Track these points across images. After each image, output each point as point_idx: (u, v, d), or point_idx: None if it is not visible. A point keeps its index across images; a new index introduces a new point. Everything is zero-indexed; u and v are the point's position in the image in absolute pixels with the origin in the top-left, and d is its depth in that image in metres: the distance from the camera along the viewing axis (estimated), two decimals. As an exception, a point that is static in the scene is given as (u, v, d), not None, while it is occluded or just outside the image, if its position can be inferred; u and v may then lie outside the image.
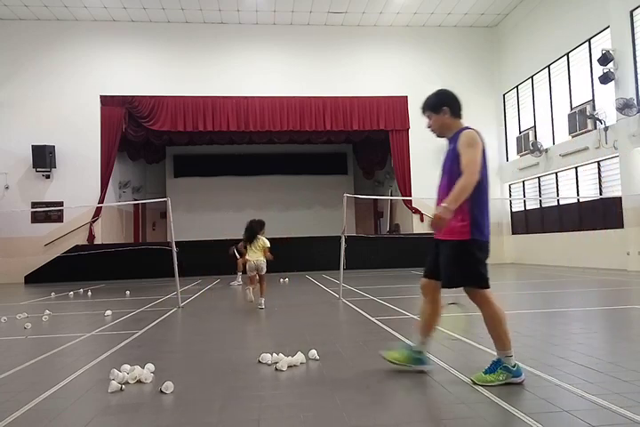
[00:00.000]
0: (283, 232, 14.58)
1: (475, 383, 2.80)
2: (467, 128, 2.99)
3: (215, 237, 14.42)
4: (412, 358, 3.13)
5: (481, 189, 2.88)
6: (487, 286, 2.94)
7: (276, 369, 3.35)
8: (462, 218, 2.85)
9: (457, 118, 3.07)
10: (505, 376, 2.80)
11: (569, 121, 12.75)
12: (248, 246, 6.75)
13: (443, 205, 2.76)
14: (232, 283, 10.52)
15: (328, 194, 19.72)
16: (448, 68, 16.45)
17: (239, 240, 7.46)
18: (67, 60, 15.23)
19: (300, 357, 3.52)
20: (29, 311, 6.73)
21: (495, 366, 2.85)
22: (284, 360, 3.44)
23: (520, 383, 2.80)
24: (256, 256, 6.62)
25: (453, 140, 2.98)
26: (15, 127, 14.70)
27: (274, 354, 3.56)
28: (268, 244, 6.74)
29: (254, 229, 6.83)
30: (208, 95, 15.37)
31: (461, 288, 3.04)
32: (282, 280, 10.96)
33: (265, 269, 6.66)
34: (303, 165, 20.23)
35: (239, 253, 10.36)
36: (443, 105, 3.02)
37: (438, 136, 3.15)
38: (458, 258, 2.90)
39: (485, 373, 2.84)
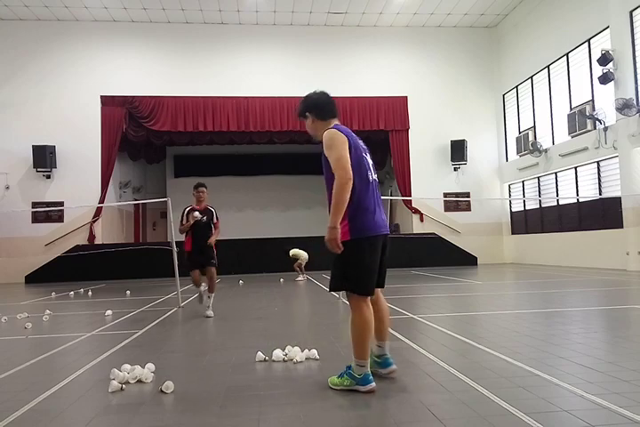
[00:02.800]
0: (283, 232, 14.58)
1: (329, 386, 2.86)
2: (329, 128, 2.93)
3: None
4: (373, 364, 3.02)
5: (364, 184, 2.82)
6: (362, 293, 2.79)
7: (294, 362, 3.50)
8: (342, 218, 2.75)
9: (325, 120, 3.04)
10: (349, 382, 2.77)
11: (568, 121, 12.75)
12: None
13: (327, 225, 2.67)
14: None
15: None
16: (448, 68, 16.46)
17: (240, 241, 7.54)
18: (67, 60, 15.24)
19: (313, 352, 3.62)
20: (30, 311, 6.74)
21: (345, 371, 2.84)
22: (295, 351, 3.63)
23: (367, 392, 2.72)
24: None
25: (321, 144, 2.92)
26: (16, 127, 14.70)
27: (287, 347, 3.70)
28: None
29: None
30: (208, 95, 15.38)
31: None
32: (281, 280, 10.97)
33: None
34: (303, 165, 20.18)
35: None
36: (306, 111, 3.06)
37: (315, 140, 3.11)
38: (336, 260, 2.80)
39: (337, 376, 2.87)
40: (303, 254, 11.31)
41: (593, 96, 12.27)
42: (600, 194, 12.02)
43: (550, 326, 4.68)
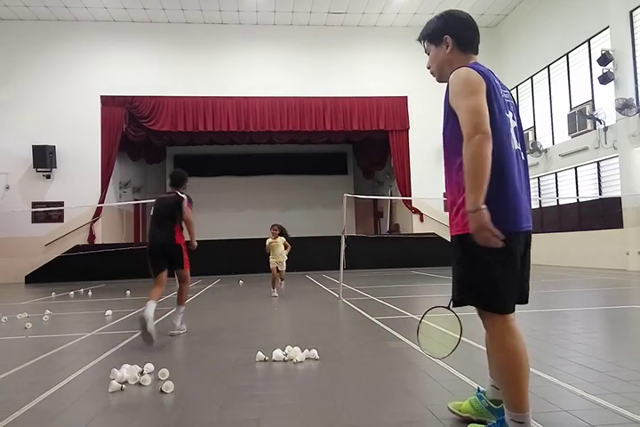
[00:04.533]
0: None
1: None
2: (461, 66, 2.02)
3: (215, 237, 14.42)
4: (485, 411, 2.25)
5: (500, 152, 1.91)
6: (496, 309, 1.97)
7: (294, 362, 3.48)
8: (463, 202, 1.94)
9: (465, 54, 2.17)
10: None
11: (568, 121, 12.75)
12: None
13: (467, 210, 1.84)
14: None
15: (328, 194, 19.72)
16: (448, 68, 16.43)
17: (239, 241, 7.66)
18: (67, 60, 15.24)
19: (313, 352, 3.60)
20: (30, 311, 6.73)
21: (496, 424, 2.02)
22: (295, 351, 3.62)
23: None
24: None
25: (447, 87, 2.03)
26: (16, 127, 14.70)
27: (287, 347, 3.69)
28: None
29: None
30: (208, 95, 15.38)
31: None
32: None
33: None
34: (303, 166, 20.22)
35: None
36: (445, 33, 2.12)
37: (439, 81, 2.22)
38: (457, 263, 2.01)
39: None
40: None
41: (593, 96, 12.27)
42: (600, 194, 12.01)
43: (550, 326, 4.68)
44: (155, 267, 4.93)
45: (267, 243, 8.35)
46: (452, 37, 2.11)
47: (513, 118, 2.06)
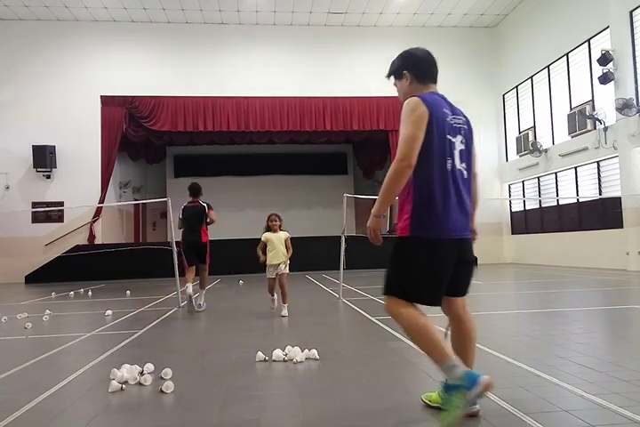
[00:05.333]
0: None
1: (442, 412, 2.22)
2: (414, 96, 2.36)
3: (215, 237, 14.40)
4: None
5: (431, 171, 2.26)
6: (406, 298, 2.27)
7: (294, 362, 3.49)
8: (407, 208, 2.32)
9: (424, 84, 2.50)
10: (461, 395, 2.07)
11: (568, 121, 12.75)
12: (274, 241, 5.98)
13: (372, 213, 2.31)
14: None
15: (328, 194, 19.71)
16: (448, 68, 16.33)
17: (239, 241, 7.40)
18: (67, 60, 15.24)
19: (313, 352, 3.60)
20: (30, 311, 6.73)
21: (445, 390, 2.19)
22: (295, 351, 3.62)
23: (486, 389, 2.07)
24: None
25: None
26: (16, 127, 14.70)
27: (287, 347, 3.70)
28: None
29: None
30: (208, 95, 15.37)
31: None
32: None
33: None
34: (303, 166, 20.22)
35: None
36: (404, 69, 2.53)
37: None
38: (392, 259, 2.35)
39: (442, 401, 2.27)
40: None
41: (593, 96, 12.27)
42: (600, 194, 12.02)
43: (550, 325, 4.68)
44: (188, 259, 6.75)
45: (263, 238, 6.02)
46: (410, 72, 2.50)
47: (462, 142, 2.39)
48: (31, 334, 5.10)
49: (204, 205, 6.80)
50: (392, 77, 2.61)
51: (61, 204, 14.43)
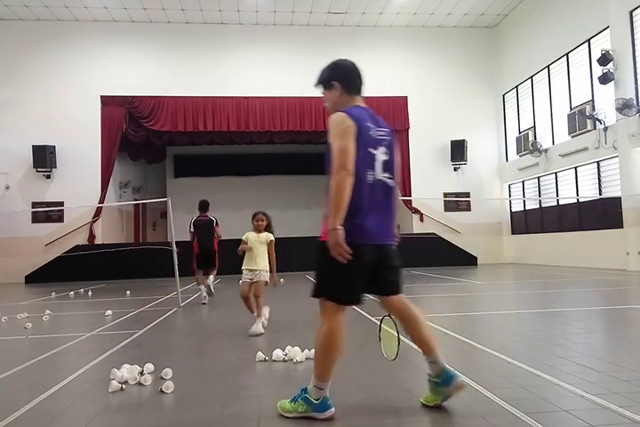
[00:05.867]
0: (283, 232, 14.55)
1: (279, 413, 2.47)
2: (340, 111, 2.46)
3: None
4: (435, 390, 2.54)
5: (357, 183, 2.35)
6: (337, 300, 2.42)
7: (294, 362, 3.49)
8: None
9: (351, 96, 2.60)
10: (304, 409, 2.39)
11: (568, 121, 12.75)
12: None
13: (329, 228, 2.29)
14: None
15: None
16: (448, 68, 16.45)
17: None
18: (67, 60, 15.24)
19: (313, 352, 3.60)
20: (30, 311, 6.73)
21: (299, 394, 2.45)
22: (295, 351, 3.62)
23: (326, 419, 2.35)
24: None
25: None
26: (16, 127, 14.71)
27: (287, 347, 3.70)
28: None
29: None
30: (208, 95, 15.38)
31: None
32: (281, 280, 10.96)
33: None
34: (303, 166, 20.18)
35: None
36: (334, 79, 2.57)
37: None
38: (317, 262, 2.46)
39: (290, 400, 2.47)
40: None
41: (593, 96, 12.27)
42: (600, 194, 12.02)
43: (550, 325, 4.68)
44: (199, 264, 8.03)
45: (244, 237, 5.14)
46: (340, 83, 2.56)
47: (385, 153, 2.50)
48: (31, 334, 5.10)
49: (213, 219, 8.17)
50: (320, 87, 2.67)
51: (61, 204, 14.44)
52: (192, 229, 7.97)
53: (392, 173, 2.53)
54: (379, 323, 2.78)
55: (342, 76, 2.58)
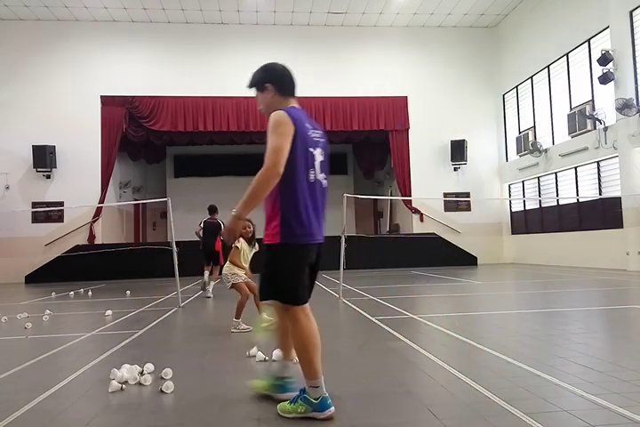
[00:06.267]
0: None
1: (279, 414, 2.48)
2: (280, 109, 2.55)
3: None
4: (270, 387, 2.75)
5: (296, 183, 2.41)
6: (295, 302, 2.46)
7: (294, 362, 3.46)
8: (275, 217, 2.45)
9: (284, 97, 2.68)
10: (304, 409, 2.41)
11: (568, 121, 12.75)
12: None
13: (232, 213, 2.37)
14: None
15: (328, 194, 19.69)
16: (448, 68, 16.45)
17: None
18: (67, 60, 15.24)
19: None
20: (30, 311, 6.73)
21: (299, 395, 2.49)
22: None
23: (325, 419, 2.38)
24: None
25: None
26: (16, 127, 14.71)
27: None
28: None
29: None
30: (208, 95, 15.38)
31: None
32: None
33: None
34: (303, 165, 20.19)
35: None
36: (267, 81, 2.64)
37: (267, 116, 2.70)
38: (267, 265, 2.49)
39: (289, 402, 2.49)
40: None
41: (593, 96, 12.27)
42: (600, 194, 12.02)
43: (550, 325, 4.68)
44: (205, 260, 9.12)
45: (239, 245, 5.50)
46: (273, 85, 2.63)
47: (321, 154, 2.57)
48: (31, 334, 5.10)
49: (221, 222, 8.84)
50: (253, 89, 2.74)
51: (61, 204, 14.44)
52: (200, 228, 9.16)
53: (327, 173, 2.63)
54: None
55: (275, 79, 2.66)
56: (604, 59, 11.15)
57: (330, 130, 15.78)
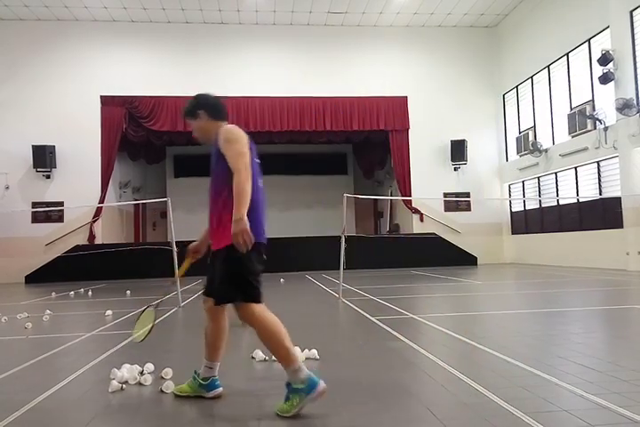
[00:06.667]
0: (283, 232, 14.57)
1: (280, 416, 2.46)
2: (226, 125, 2.81)
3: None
4: (197, 388, 2.80)
5: (254, 187, 2.65)
6: (259, 300, 2.63)
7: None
8: (228, 220, 2.56)
9: (218, 121, 2.87)
10: (299, 398, 2.43)
11: (569, 121, 12.76)
12: None
13: (234, 219, 2.47)
14: None
15: (328, 194, 19.71)
16: (448, 68, 16.46)
17: None
18: (67, 60, 15.24)
19: (313, 352, 3.60)
20: (30, 311, 6.73)
21: (287, 391, 2.50)
22: (295, 351, 3.56)
23: (322, 393, 2.44)
24: None
25: (215, 141, 2.77)
26: (15, 127, 14.70)
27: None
28: None
29: None
30: (208, 95, 15.36)
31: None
32: (281, 280, 10.98)
33: None
34: (303, 166, 20.21)
35: None
36: (199, 109, 2.86)
37: (203, 143, 2.97)
38: (228, 267, 2.60)
39: (284, 402, 2.49)
40: None
41: (593, 96, 12.27)
42: (600, 194, 12.02)
43: (550, 325, 4.68)
44: None
45: None
46: (206, 111, 2.85)
47: (259, 164, 2.86)
48: (31, 334, 5.10)
49: None
50: (187, 117, 2.93)
51: (61, 204, 14.44)
52: None
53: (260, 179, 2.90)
54: (144, 308, 3.11)
55: (206, 105, 2.87)
56: (605, 59, 11.15)
57: (330, 130, 15.80)
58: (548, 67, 14.15)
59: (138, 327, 3.03)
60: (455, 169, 16.16)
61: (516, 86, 15.79)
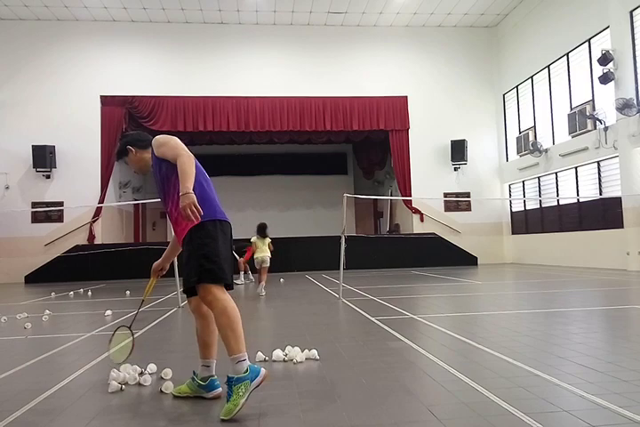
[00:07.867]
0: (283, 232, 14.58)
1: (224, 420, 2.39)
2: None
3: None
4: (196, 388, 2.80)
5: (206, 181, 2.84)
6: (226, 279, 2.65)
7: (294, 362, 3.50)
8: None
9: (146, 149, 3.03)
10: (244, 388, 2.44)
11: (569, 121, 12.76)
12: (259, 244, 8.53)
13: (180, 194, 2.52)
14: (236, 281, 10.62)
15: (328, 194, 19.73)
16: (448, 68, 16.46)
17: (238, 240, 7.47)
18: (67, 60, 15.24)
19: (313, 352, 3.61)
20: (29, 311, 6.73)
21: (229, 385, 2.47)
22: (295, 351, 3.62)
23: (263, 380, 2.52)
24: (264, 252, 8.52)
25: (152, 156, 2.92)
26: (15, 127, 14.71)
27: (287, 347, 3.70)
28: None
29: (266, 229, 8.71)
30: (208, 95, 15.38)
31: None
32: (281, 280, 10.98)
33: (269, 263, 8.49)
34: (303, 165, 20.23)
35: (238, 254, 10.57)
36: (127, 145, 3.05)
37: (144, 173, 3.13)
38: (194, 248, 2.63)
39: (227, 401, 2.44)
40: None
41: (593, 96, 12.27)
42: (600, 194, 12.02)
43: (550, 326, 4.68)
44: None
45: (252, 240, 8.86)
46: (134, 146, 3.04)
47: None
48: (31, 334, 5.10)
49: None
50: (121, 156, 3.12)
51: (61, 204, 14.44)
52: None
53: None
54: (114, 331, 3.14)
55: (132, 140, 3.06)
56: (605, 59, 11.15)
57: (330, 130, 15.80)
58: (548, 67, 14.15)
59: (114, 347, 3.10)
60: (455, 169, 16.16)
61: (516, 86, 15.79)
